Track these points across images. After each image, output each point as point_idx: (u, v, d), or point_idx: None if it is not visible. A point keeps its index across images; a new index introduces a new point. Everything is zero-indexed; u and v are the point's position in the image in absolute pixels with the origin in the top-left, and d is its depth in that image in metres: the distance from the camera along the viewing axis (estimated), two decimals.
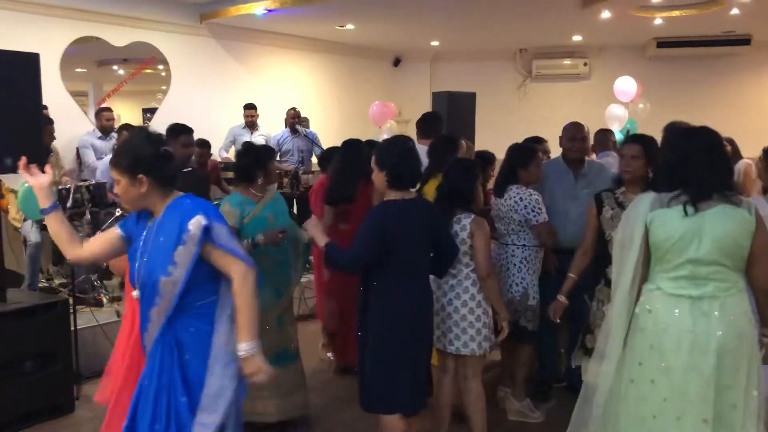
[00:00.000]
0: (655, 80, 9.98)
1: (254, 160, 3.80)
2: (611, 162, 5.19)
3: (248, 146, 3.99)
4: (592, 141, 5.84)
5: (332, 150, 5.09)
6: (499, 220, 4.02)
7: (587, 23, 8.78)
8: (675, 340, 2.46)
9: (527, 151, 4.10)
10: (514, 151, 4.12)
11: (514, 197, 3.91)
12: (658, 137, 2.97)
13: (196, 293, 2.45)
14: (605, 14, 7.99)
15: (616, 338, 2.60)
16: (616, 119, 8.24)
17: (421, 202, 3.25)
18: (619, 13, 7.95)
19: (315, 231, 3.14)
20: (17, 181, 4.56)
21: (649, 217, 2.54)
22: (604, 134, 6.21)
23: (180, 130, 4.61)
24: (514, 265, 3.94)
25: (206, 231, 2.38)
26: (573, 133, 4.32)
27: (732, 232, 2.44)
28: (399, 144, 3.21)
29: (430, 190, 3.74)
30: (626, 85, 8.59)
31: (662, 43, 10.12)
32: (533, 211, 3.86)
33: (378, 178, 3.11)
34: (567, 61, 11.11)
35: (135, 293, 2.53)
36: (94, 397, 3.40)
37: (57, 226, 2.63)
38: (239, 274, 2.42)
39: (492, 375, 4.50)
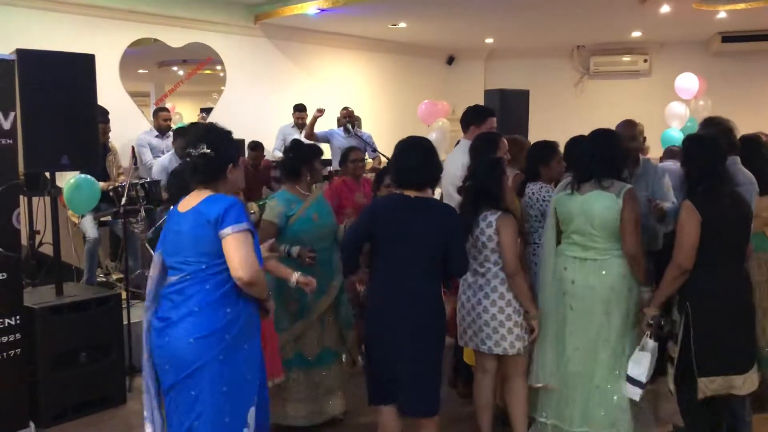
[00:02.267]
0: (720, 77, 9.61)
1: (300, 158, 3.81)
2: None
3: (295, 144, 4.01)
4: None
5: None
6: (526, 220, 3.97)
7: (647, 18, 8.52)
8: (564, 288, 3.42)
9: (548, 148, 4.07)
10: (535, 148, 4.12)
11: (529, 194, 3.94)
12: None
13: None
14: (665, 9, 7.73)
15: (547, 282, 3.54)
16: (677, 117, 7.97)
17: (429, 204, 3.09)
18: (679, 7, 7.68)
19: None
20: (61, 179, 4.70)
21: (554, 199, 3.54)
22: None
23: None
24: (536, 264, 3.86)
25: None
26: (620, 131, 4.13)
27: (600, 210, 3.29)
28: (402, 142, 3.19)
29: None
30: (688, 82, 8.29)
31: (727, 38, 9.74)
32: (545, 201, 3.83)
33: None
34: (626, 58, 10.82)
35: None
36: None
37: None
38: None
39: None
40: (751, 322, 3.25)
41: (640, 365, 3.22)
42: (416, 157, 3.08)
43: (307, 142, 7.82)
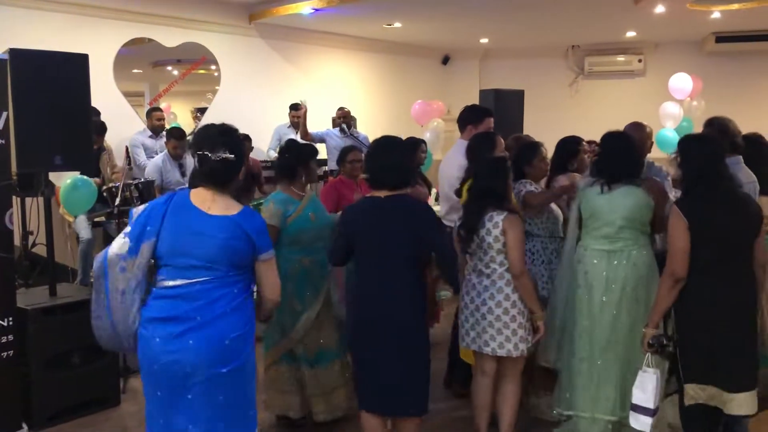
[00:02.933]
0: (714, 77, 9.63)
1: (297, 158, 3.80)
2: None
3: (291, 143, 4.00)
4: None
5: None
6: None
7: (641, 18, 8.53)
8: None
9: (530, 147, 4.12)
10: (519, 149, 4.19)
11: (515, 193, 3.97)
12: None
13: None
14: (659, 9, 7.74)
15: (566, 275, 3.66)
16: (671, 117, 7.97)
17: (400, 203, 3.06)
18: (674, 7, 7.69)
19: None
20: (58, 180, 4.68)
21: (579, 195, 3.60)
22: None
23: None
24: (529, 259, 3.93)
25: None
26: (633, 133, 4.10)
27: (631, 204, 3.41)
28: (375, 143, 3.21)
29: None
30: (682, 82, 8.30)
31: (721, 38, 9.76)
32: (519, 192, 3.90)
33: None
34: (621, 58, 10.82)
35: None
36: None
37: None
38: None
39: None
40: (750, 330, 2.98)
41: (645, 390, 3.02)
42: (388, 158, 3.08)
43: (302, 142, 7.85)
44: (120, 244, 2.56)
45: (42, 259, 5.04)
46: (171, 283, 2.55)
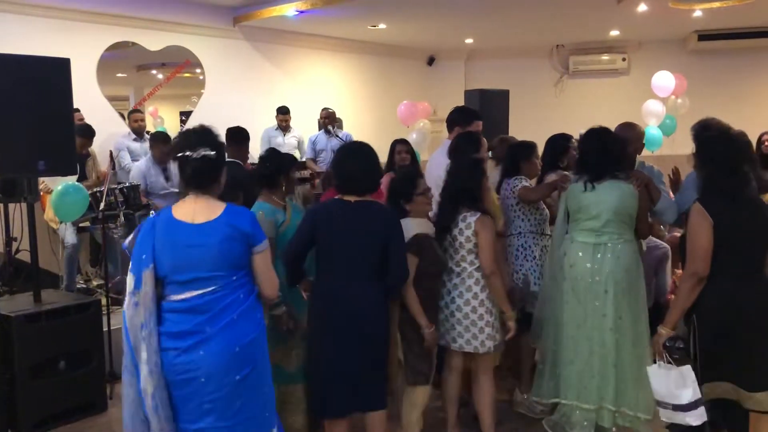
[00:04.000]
0: (698, 74, 9.71)
1: (278, 168, 3.77)
2: None
3: (271, 152, 3.95)
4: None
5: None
6: (504, 213, 4.07)
7: (624, 17, 8.59)
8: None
9: (527, 146, 4.22)
10: (518, 146, 4.27)
11: (504, 188, 4.11)
12: None
13: None
14: (642, 7, 7.79)
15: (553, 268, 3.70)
16: (653, 115, 8.02)
17: (368, 208, 3.10)
18: (656, 5, 7.75)
19: None
20: (53, 184, 4.64)
21: (565, 194, 3.63)
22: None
23: None
24: (512, 253, 4.02)
25: None
26: (623, 133, 4.00)
27: (617, 198, 3.44)
28: (342, 149, 3.24)
29: None
30: (664, 80, 8.36)
31: (704, 36, 9.85)
32: (515, 187, 4.00)
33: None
34: (605, 57, 10.89)
35: None
36: None
37: None
38: None
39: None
40: None
41: (686, 387, 2.89)
42: (357, 164, 3.10)
43: (292, 145, 7.82)
44: (129, 281, 2.61)
45: (26, 266, 5.01)
46: (179, 296, 2.58)
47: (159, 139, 6.25)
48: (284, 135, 8.04)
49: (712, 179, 2.98)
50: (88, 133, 6.14)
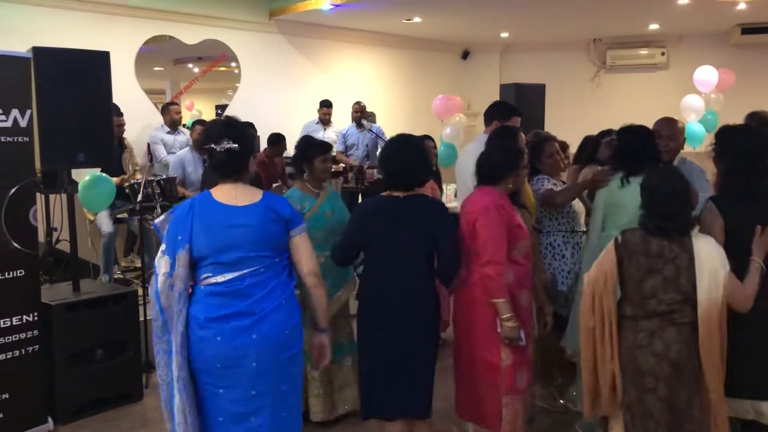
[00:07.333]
0: (739, 69, 9.46)
1: (302, 155, 3.80)
2: None
3: (300, 141, 3.98)
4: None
5: None
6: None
7: (664, 11, 8.42)
8: None
9: (537, 144, 4.09)
10: (530, 146, 4.13)
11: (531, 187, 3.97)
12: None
13: None
14: (683, 0, 7.63)
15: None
16: (693, 110, 7.85)
17: (417, 202, 3.05)
18: None
19: None
20: (80, 176, 4.73)
21: (603, 191, 3.53)
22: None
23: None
24: (540, 252, 3.90)
25: None
26: (658, 129, 3.92)
27: None
28: (392, 142, 3.14)
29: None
30: (706, 75, 8.18)
31: (747, 29, 9.59)
32: (536, 192, 3.88)
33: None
34: (643, 51, 10.70)
35: None
36: None
37: None
38: None
39: None
40: None
41: None
42: (405, 158, 3.02)
43: (330, 139, 7.85)
44: (163, 264, 2.59)
45: (66, 255, 5.10)
46: (220, 278, 2.57)
47: (199, 122, 6.30)
48: (324, 129, 8.07)
49: (727, 175, 2.89)
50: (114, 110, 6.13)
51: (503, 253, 2.99)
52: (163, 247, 2.63)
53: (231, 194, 2.64)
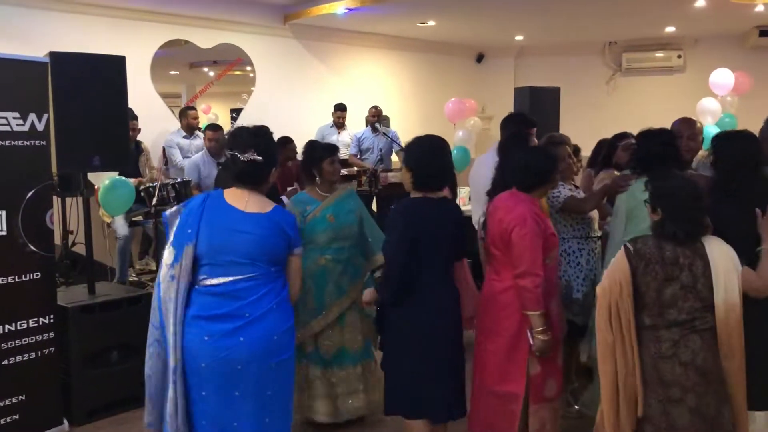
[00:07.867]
0: (757, 72, 9.36)
1: (309, 159, 3.80)
2: None
3: (307, 145, 3.98)
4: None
5: None
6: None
7: (681, 13, 8.36)
8: None
9: (553, 147, 3.99)
10: None
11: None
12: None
13: None
14: (700, 3, 7.57)
15: None
16: (709, 113, 7.76)
17: (447, 204, 3.07)
18: (715, 1, 7.51)
19: None
20: (97, 180, 4.76)
21: (625, 195, 3.48)
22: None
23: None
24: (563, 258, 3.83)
25: None
26: (678, 129, 3.92)
27: None
28: (425, 143, 3.03)
29: None
30: (723, 78, 8.09)
31: (765, 32, 9.50)
32: (554, 198, 3.80)
33: (405, 177, 3.00)
34: (659, 54, 10.63)
35: None
36: None
37: None
38: None
39: None
40: None
41: None
42: (441, 160, 3.02)
43: (344, 143, 7.85)
44: (167, 254, 2.62)
45: (82, 258, 5.14)
46: (215, 281, 2.59)
47: (210, 127, 6.28)
48: (339, 133, 8.09)
49: (716, 182, 2.88)
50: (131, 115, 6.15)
51: (540, 265, 2.95)
52: (170, 238, 2.65)
53: (242, 199, 2.65)
